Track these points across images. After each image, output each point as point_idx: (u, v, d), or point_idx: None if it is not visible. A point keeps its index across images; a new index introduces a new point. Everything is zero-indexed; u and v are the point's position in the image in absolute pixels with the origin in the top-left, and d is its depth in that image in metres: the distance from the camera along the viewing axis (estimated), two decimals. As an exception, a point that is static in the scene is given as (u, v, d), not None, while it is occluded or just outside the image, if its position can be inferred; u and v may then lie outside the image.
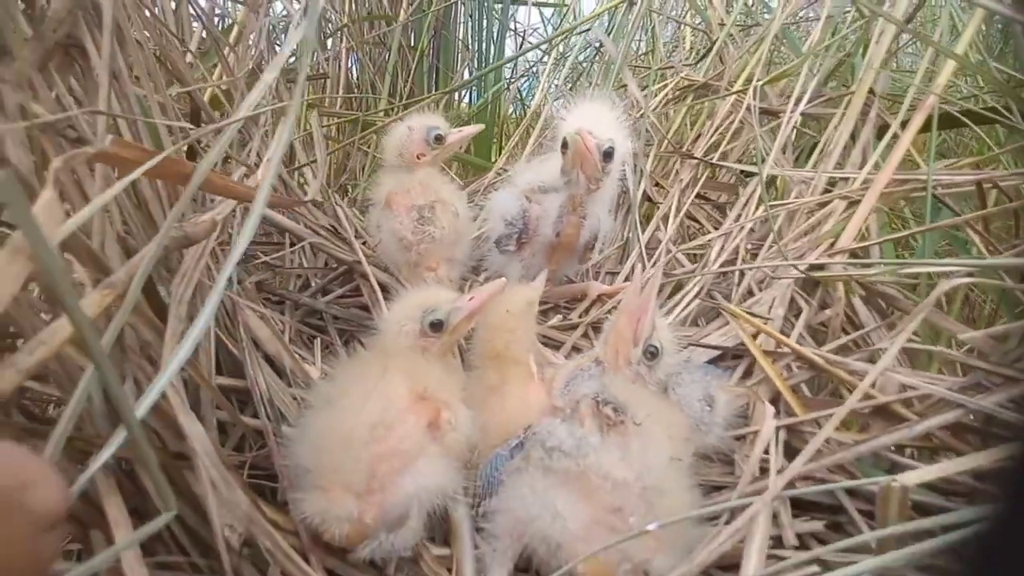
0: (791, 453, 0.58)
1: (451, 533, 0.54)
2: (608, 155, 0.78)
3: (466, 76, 2.06)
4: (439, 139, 0.85)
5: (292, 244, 0.91)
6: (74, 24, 0.52)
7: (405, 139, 0.86)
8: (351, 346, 0.86)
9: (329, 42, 1.69)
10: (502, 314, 0.64)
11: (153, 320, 0.50)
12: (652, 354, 0.62)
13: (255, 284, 0.80)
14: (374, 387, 0.54)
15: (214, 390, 0.58)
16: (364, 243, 0.96)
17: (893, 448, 0.50)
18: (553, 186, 0.84)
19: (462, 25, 2.01)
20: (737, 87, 1.08)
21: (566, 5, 2.09)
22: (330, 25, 1.71)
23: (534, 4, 2.13)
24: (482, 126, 0.93)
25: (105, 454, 0.37)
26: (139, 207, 0.62)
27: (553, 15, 2.21)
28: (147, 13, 0.90)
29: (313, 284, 0.92)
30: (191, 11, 1.15)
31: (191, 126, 0.81)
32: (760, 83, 1.02)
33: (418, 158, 0.85)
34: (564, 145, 0.78)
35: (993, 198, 0.79)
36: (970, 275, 0.58)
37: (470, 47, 2.01)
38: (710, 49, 1.20)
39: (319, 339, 0.80)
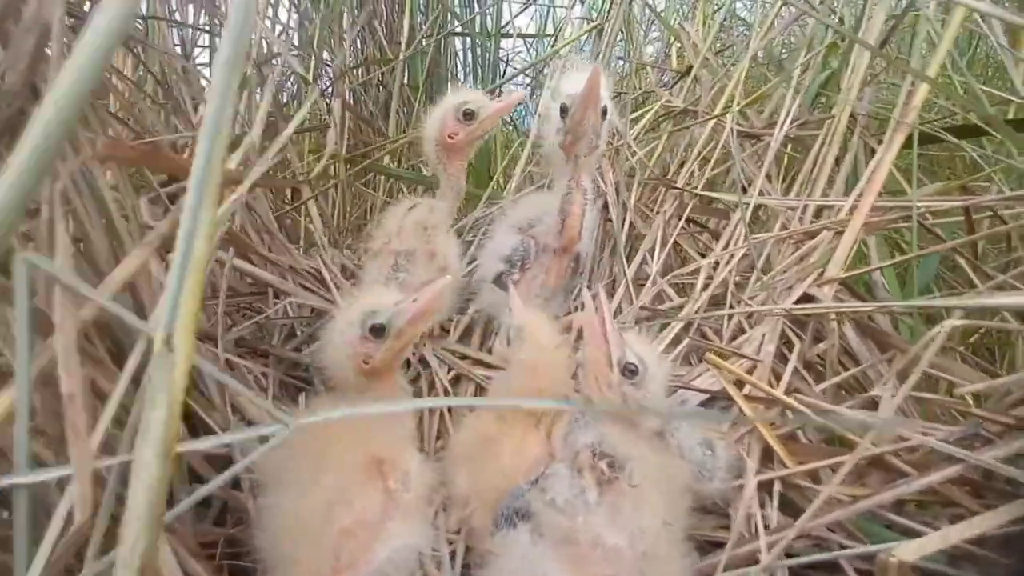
0: (787, 505, 0.56)
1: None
2: (604, 112, 0.81)
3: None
4: (468, 115, 0.82)
5: (276, 296, 0.89)
6: (27, 98, 0.51)
7: (436, 122, 0.84)
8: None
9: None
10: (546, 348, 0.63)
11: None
12: (632, 371, 0.59)
13: (235, 340, 0.78)
14: (323, 458, 0.52)
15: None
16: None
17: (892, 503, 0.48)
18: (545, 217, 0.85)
19: (454, 59, 2.02)
20: (717, 111, 1.07)
21: (548, 35, 2.12)
22: (328, 68, 1.70)
23: (519, 36, 2.15)
24: (525, 93, 0.93)
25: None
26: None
27: (536, 41, 2.23)
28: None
29: (299, 334, 0.90)
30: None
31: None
32: (738, 107, 1.01)
33: (451, 138, 0.83)
34: (563, 110, 0.81)
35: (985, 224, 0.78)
36: (964, 316, 0.57)
37: (462, 80, 2.01)
38: (686, 73, 1.19)
39: (304, 394, 0.79)
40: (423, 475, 0.54)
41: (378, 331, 0.59)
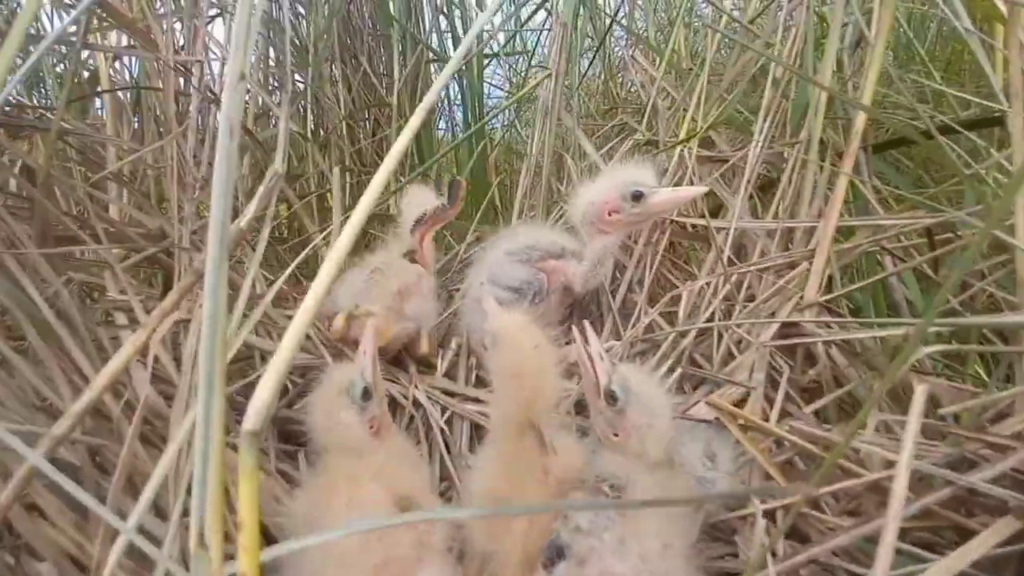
0: (794, 533, 0.59)
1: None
2: None
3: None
4: None
5: (263, 359, 0.89)
6: None
7: None
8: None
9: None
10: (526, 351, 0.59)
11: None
12: (613, 398, 0.61)
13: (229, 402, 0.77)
14: (350, 497, 0.54)
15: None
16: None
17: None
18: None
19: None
20: (681, 138, 1.11)
21: (529, 51, 2.17)
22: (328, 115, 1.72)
23: (494, 55, 2.18)
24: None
25: None
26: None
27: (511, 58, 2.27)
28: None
29: (288, 387, 0.90)
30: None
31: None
32: (696, 134, 1.05)
33: None
34: None
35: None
36: (938, 340, 0.60)
37: (447, 104, 2.04)
38: (648, 106, 1.23)
39: (302, 452, 0.78)
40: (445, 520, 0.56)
41: (367, 395, 0.62)
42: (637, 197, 0.86)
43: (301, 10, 1.72)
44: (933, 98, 1.30)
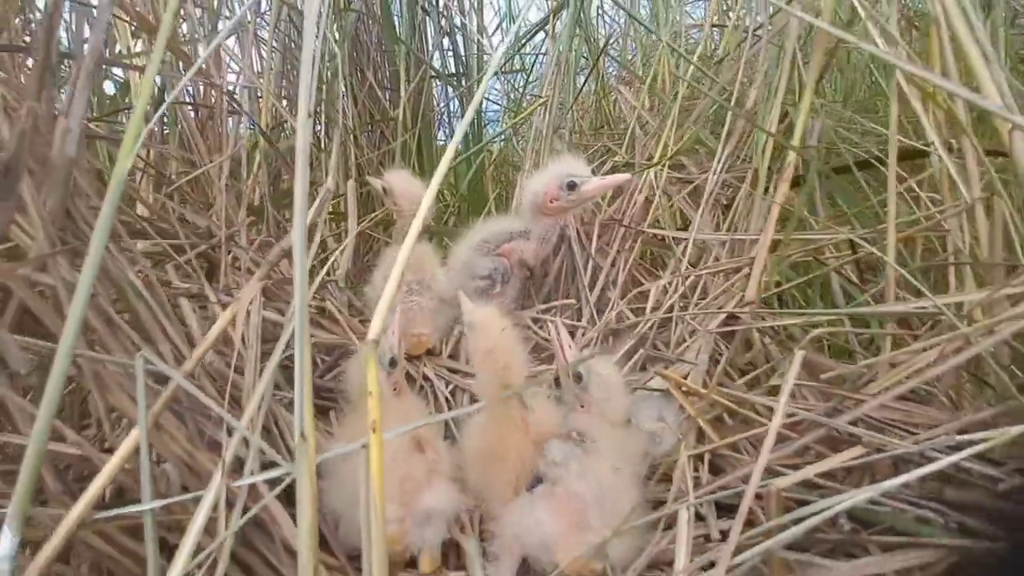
0: (715, 468, 0.77)
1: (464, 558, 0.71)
2: None
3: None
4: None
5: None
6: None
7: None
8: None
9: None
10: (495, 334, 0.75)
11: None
12: (579, 378, 0.78)
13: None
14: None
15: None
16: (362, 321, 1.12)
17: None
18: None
19: (433, 102, 2.20)
20: (655, 161, 1.29)
21: (525, 70, 2.36)
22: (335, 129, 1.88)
23: (495, 72, 2.35)
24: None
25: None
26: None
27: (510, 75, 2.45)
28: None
29: (319, 363, 1.07)
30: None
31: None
32: (667, 159, 1.23)
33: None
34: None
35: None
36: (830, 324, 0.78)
37: (448, 119, 2.20)
38: (629, 132, 1.42)
39: (334, 410, 0.96)
40: (450, 456, 0.73)
41: (393, 363, 0.79)
42: (572, 186, 1.04)
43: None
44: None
